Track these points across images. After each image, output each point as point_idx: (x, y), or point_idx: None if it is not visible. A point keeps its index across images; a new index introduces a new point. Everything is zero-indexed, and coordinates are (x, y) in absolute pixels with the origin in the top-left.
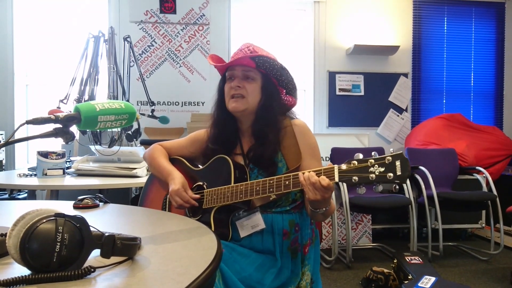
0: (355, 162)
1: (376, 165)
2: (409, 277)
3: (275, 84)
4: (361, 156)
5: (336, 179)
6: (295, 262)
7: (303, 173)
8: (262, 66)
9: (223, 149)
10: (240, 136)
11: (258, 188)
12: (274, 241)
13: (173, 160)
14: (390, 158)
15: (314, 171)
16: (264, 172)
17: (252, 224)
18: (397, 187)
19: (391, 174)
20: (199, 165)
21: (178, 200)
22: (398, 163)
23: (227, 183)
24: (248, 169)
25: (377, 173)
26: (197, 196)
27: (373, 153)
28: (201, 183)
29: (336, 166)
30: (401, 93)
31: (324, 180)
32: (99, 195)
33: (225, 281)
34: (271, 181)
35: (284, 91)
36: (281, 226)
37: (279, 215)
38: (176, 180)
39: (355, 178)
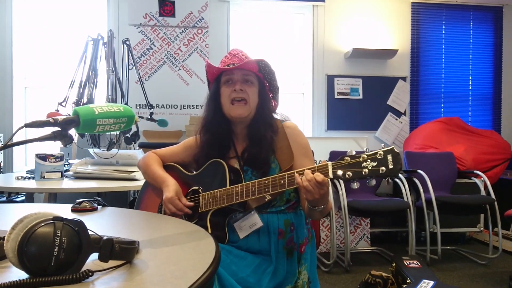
0: (348, 158)
1: (368, 160)
2: (407, 281)
3: (266, 88)
4: (354, 152)
5: (330, 175)
6: (291, 261)
7: (300, 174)
8: (262, 70)
9: (216, 153)
10: (234, 139)
11: (253, 189)
12: (270, 241)
13: (167, 167)
14: (382, 152)
15: (308, 169)
16: (257, 173)
17: (250, 224)
18: (390, 180)
19: (384, 168)
20: (194, 171)
21: (172, 208)
22: (389, 157)
23: (222, 186)
24: (242, 172)
25: (370, 168)
26: (191, 204)
27: (365, 148)
28: (196, 187)
29: (329, 163)
30: (400, 97)
31: (319, 176)
32: (97, 198)
33: (222, 283)
34: (266, 181)
35: (271, 95)
36: (276, 226)
37: (274, 215)
38: (170, 187)
39: (349, 173)
